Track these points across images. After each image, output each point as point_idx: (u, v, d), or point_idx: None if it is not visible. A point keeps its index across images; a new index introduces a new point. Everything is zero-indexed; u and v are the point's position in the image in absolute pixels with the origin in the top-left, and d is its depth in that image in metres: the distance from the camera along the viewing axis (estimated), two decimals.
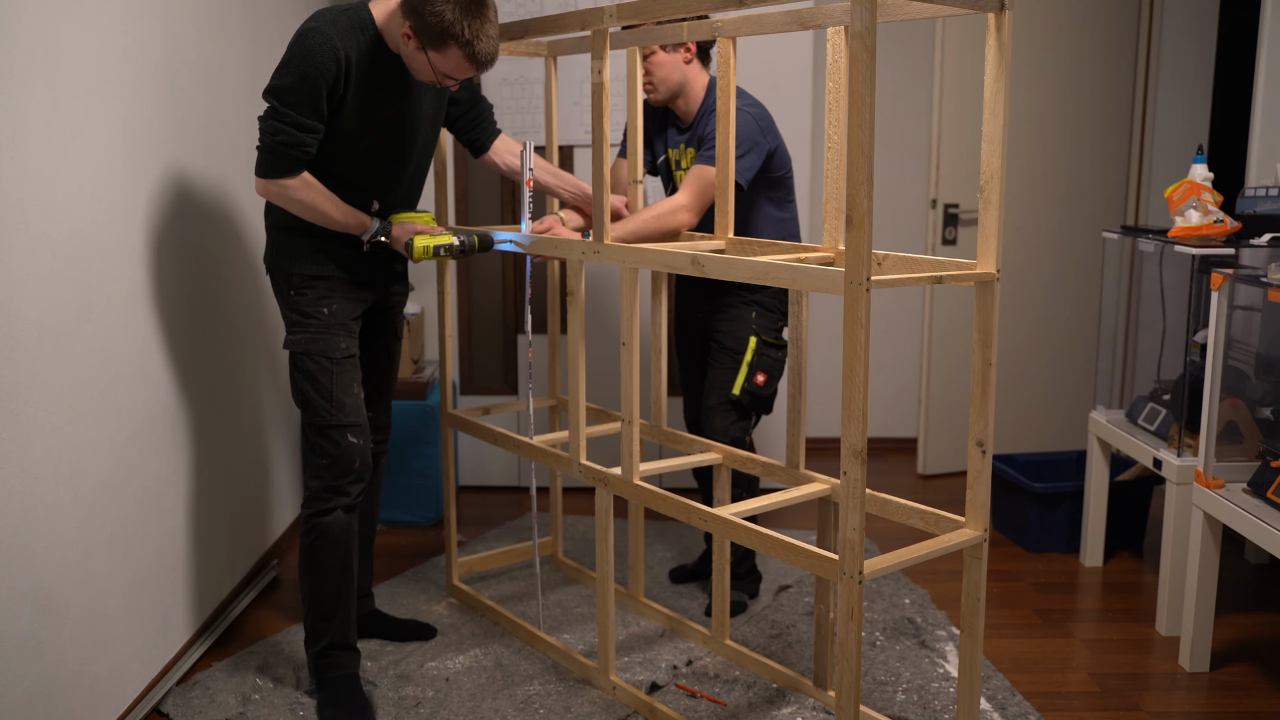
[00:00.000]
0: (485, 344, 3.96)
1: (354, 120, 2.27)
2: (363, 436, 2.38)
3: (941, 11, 1.95)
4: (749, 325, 2.79)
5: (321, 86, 2.18)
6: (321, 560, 2.37)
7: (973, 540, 1.98)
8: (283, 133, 2.19)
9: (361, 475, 2.39)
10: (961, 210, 4.04)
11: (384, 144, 2.35)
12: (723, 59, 2.38)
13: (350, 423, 2.36)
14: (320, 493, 2.36)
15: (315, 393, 2.34)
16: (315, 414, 2.35)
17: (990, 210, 1.89)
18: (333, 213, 2.30)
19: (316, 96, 2.18)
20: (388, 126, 2.34)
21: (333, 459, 2.35)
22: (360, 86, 2.24)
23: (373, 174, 2.37)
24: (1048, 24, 3.99)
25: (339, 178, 2.32)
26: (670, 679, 2.53)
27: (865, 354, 1.70)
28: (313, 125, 2.21)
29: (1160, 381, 3.14)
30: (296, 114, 2.18)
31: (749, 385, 2.79)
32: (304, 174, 2.26)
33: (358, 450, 2.36)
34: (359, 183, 2.36)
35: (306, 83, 2.17)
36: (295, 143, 2.20)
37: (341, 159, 2.31)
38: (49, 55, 1.97)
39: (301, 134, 2.20)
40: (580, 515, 3.67)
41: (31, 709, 1.91)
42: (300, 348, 2.35)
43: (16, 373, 1.87)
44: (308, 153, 2.23)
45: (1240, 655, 2.69)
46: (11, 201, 1.85)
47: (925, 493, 3.99)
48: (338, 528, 2.37)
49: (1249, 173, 3.17)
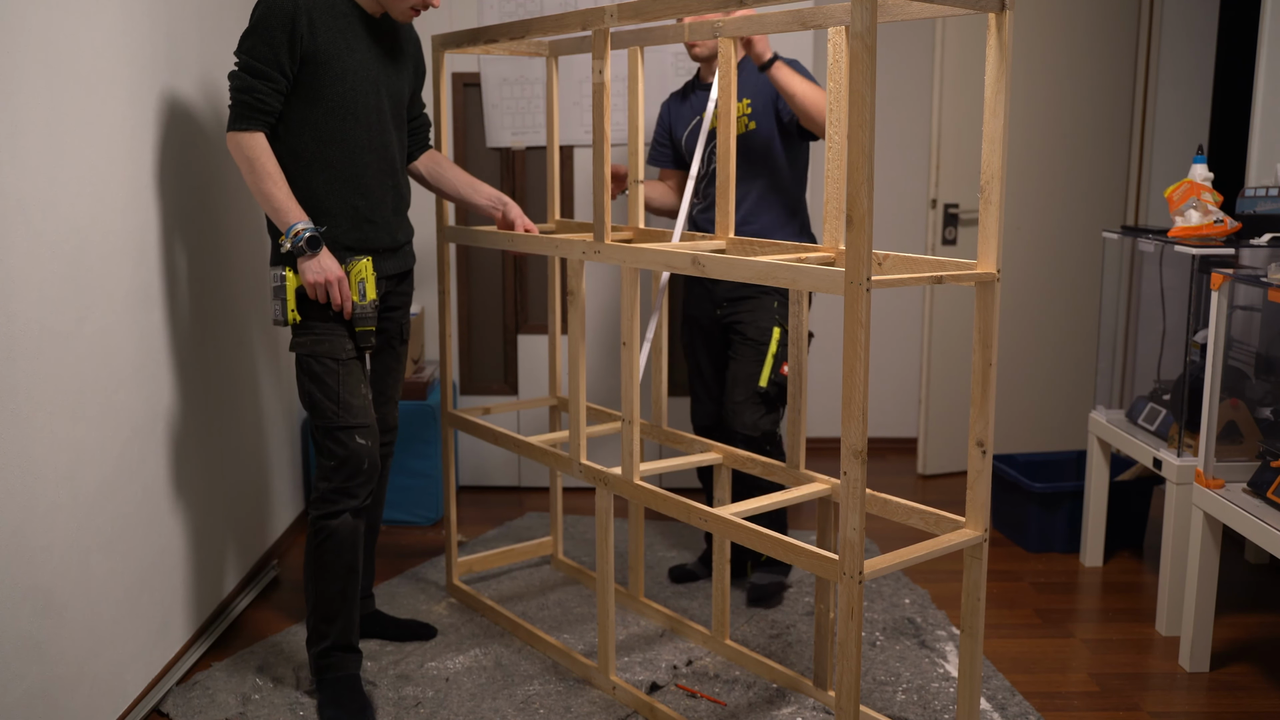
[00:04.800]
0: (485, 344, 3.96)
1: (331, 84, 2.27)
2: (371, 438, 2.37)
3: (942, 11, 1.95)
4: (772, 315, 2.81)
5: (278, 34, 2.20)
6: (328, 562, 2.36)
7: (973, 540, 1.98)
8: (238, 78, 2.23)
9: (370, 477, 2.38)
10: (961, 210, 4.04)
11: (366, 119, 2.34)
12: (724, 59, 2.38)
13: (358, 424, 2.35)
14: (329, 495, 2.36)
15: (322, 395, 2.33)
16: (323, 416, 2.34)
17: (991, 210, 1.89)
18: (273, 189, 2.23)
19: (274, 44, 2.20)
20: (365, 93, 2.33)
21: (341, 461, 2.34)
22: (328, 39, 2.26)
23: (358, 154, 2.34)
24: (1048, 24, 3.99)
25: (331, 162, 2.31)
26: (670, 679, 2.53)
27: (865, 354, 1.70)
28: (269, 73, 2.22)
29: (1160, 381, 3.14)
30: (251, 59, 2.21)
31: (775, 376, 2.79)
32: (262, 137, 2.25)
33: (366, 451, 2.36)
34: (348, 170, 2.33)
35: (262, 28, 2.21)
36: (247, 87, 2.21)
37: (329, 140, 2.30)
38: (49, 55, 1.97)
39: (255, 79, 2.21)
40: (580, 515, 3.67)
41: (31, 709, 1.91)
42: (306, 350, 2.34)
43: (16, 373, 1.87)
44: (261, 100, 2.22)
45: (1240, 655, 2.69)
46: (12, 201, 1.85)
47: (925, 493, 3.99)
48: (345, 530, 2.36)
49: (1249, 173, 3.17)
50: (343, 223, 2.35)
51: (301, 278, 2.26)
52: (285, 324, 2.29)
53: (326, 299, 2.28)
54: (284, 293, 2.27)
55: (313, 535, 2.37)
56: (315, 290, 2.26)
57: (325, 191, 2.33)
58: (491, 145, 3.81)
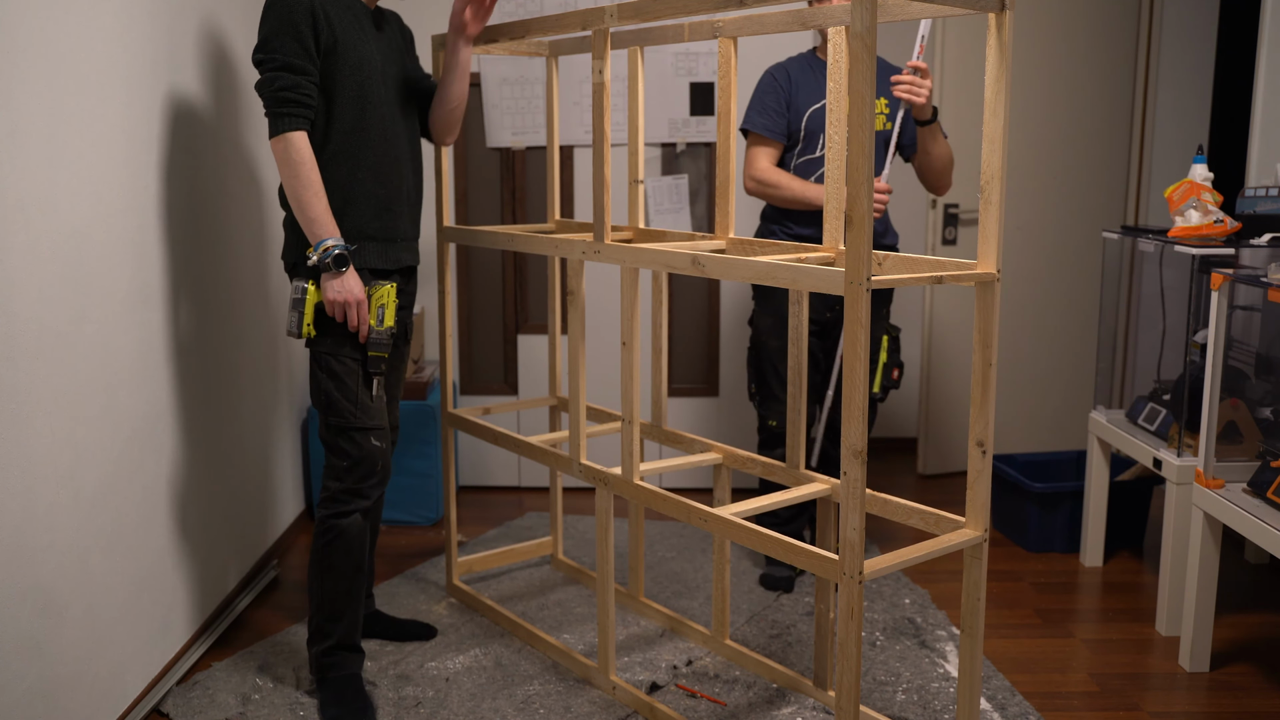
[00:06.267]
0: (485, 344, 3.96)
1: (350, 74, 2.26)
2: (384, 439, 2.37)
3: (942, 11, 1.95)
4: (882, 324, 2.84)
5: (304, 28, 2.19)
6: (336, 561, 2.36)
7: (973, 540, 1.98)
8: (277, 79, 2.19)
9: (383, 479, 2.39)
10: (962, 210, 4.04)
11: (380, 108, 2.33)
12: (723, 59, 2.38)
13: (373, 425, 2.35)
14: (340, 494, 2.35)
15: (340, 394, 2.32)
16: (339, 415, 2.33)
17: (991, 210, 1.89)
18: (313, 200, 2.22)
19: (299, 34, 2.19)
20: (377, 82, 2.32)
21: (355, 461, 2.34)
22: (343, 29, 2.25)
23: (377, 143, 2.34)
24: (1048, 24, 3.99)
25: (352, 152, 2.30)
26: (670, 679, 2.53)
27: (865, 354, 1.70)
28: (302, 66, 2.20)
29: (1160, 381, 3.14)
30: (283, 55, 2.19)
31: (886, 381, 2.84)
32: (306, 138, 2.22)
33: (380, 453, 2.36)
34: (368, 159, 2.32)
35: (284, 24, 2.18)
36: (289, 85, 2.19)
37: (350, 130, 2.29)
38: (49, 55, 1.97)
39: (294, 75, 2.19)
40: (580, 515, 3.67)
41: (31, 709, 1.91)
42: (326, 348, 2.33)
43: (16, 373, 1.87)
44: (305, 95, 2.21)
45: (1240, 655, 2.69)
46: (11, 201, 1.85)
47: (925, 493, 3.99)
48: (355, 530, 2.36)
49: (1249, 173, 3.17)
50: (366, 211, 2.34)
51: (323, 294, 2.25)
52: (299, 337, 2.28)
53: (344, 318, 2.28)
54: (303, 305, 2.26)
55: (321, 534, 2.37)
56: (334, 309, 2.26)
57: (349, 181, 2.31)
58: (491, 145, 3.81)
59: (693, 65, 3.70)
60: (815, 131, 2.90)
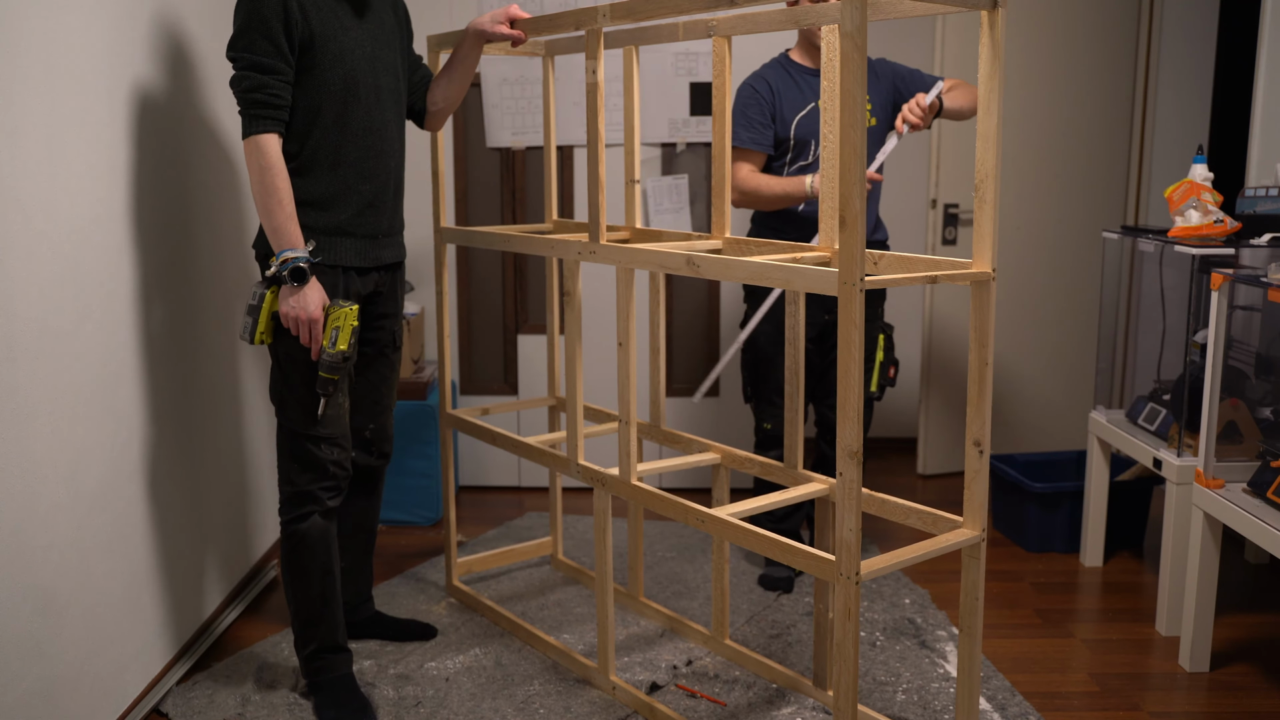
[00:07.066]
0: (485, 344, 3.97)
1: (331, 67, 2.20)
2: (339, 449, 2.32)
3: (934, 10, 1.95)
4: (877, 322, 2.85)
5: (274, 23, 2.11)
6: (303, 566, 2.34)
7: (971, 540, 1.98)
8: (245, 79, 2.13)
9: (339, 486, 2.34)
10: (961, 210, 4.03)
11: (366, 99, 2.27)
12: (718, 58, 2.38)
13: (325, 435, 2.30)
14: (293, 498, 2.32)
15: (293, 399, 2.28)
16: (292, 420, 2.29)
17: (986, 209, 1.89)
18: (277, 208, 2.15)
19: (268, 30, 2.11)
20: (364, 72, 2.26)
21: (304, 465, 2.30)
22: (320, 20, 2.18)
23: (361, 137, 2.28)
24: (1047, 24, 3.99)
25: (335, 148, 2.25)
26: (670, 679, 2.53)
27: (860, 354, 1.70)
28: (272, 65, 2.13)
29: (1160, 381, 3.13)
30: (251, 54, 2.12)
31: (883, 380, 2.84)
32: (277, 141, 2.15)
33: (332, 462, 2.31)
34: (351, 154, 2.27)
35: (253, 19, 2.12)
36: (256, 85, 2.13)
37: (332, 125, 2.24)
38: (49, 55, 1.98)
39: (262, 75, 2.13)
40: (580, 515, 3.67)
41: (31, 709, 1.91)
42: (285, 349, 2.27)
43: (16, 373, 1.88)
44: (276, 96, 2.14)
45: (1240, 655, 2.68)
46: (11, 200, 1.86)
47: (925, 493, 3.99)
48: (316, 532, 2.33)
49: (1249, 173, 3.16)
50: (348, 209, 2.29)
51: (279, 306, 2.20)
52: (251, 342, 2.24)
53: (298, 332, 2.22)
54: (258, 312, 2.21)
55: (284, 541, 2.35)
56: (288, 322, 2.20)
57: (330, 178, 2.26)
58: (491, 145, 3.81)
59: (693, 65, 3.70)
60: (805, 138, 2.90)
